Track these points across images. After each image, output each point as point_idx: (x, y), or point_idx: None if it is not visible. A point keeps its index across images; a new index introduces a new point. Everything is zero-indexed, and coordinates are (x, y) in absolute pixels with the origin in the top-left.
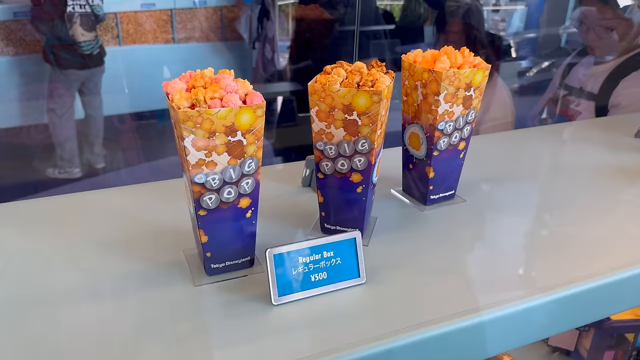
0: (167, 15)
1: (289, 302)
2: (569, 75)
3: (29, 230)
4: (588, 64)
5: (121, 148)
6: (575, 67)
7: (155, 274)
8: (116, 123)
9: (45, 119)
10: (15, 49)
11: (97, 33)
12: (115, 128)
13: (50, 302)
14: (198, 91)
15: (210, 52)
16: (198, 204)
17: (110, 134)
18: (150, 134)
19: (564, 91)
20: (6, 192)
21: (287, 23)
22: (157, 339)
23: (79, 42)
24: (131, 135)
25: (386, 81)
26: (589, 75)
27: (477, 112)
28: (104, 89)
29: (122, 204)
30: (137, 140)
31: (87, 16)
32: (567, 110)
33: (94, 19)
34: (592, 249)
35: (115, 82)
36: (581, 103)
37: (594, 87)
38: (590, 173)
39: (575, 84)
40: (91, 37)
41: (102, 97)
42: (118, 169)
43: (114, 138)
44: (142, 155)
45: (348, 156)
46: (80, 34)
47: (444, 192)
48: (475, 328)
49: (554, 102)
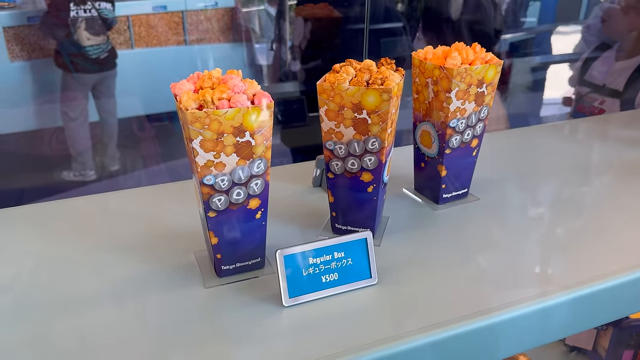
0: (178, 17)
1: (300, 303)
2: (588, 71)
3: (43, 232)
4: (608, 59)
5: (134, 150)
6: (595, 62)
7: (166, 276)
8: (129, 125)
9: (59, 123)
10: (28, 53)
11: (106, 37)
12: (129, 130)
13: (64, 305)
14: (206, 92)
15: (222, 53)
16: (207, 206)
17: (124, 136)
18: (164, 136)
19: (584, 88)
20: (23, 195)
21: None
22: (168, 341)
23: (85, 47)
24: (145, 137)
25: (396, 79)
26: (612, 72)
27: (489, 108)
28: (117, 92)
29: (133, 206)
30: (151, 142)
31: (93, 20)
32: (590, 109)
33: (100, 23)
34: (610, 247)
35: (127, 85)
36: (605, 101)
37: (619, 84)
38: (608, 170)
39: (596, 81)
40: (98, 41)
41: (116, 100)
42: (132, 170)
43: (128, 140)
44: (155, 157)
45: (358, 155)
46: (86, 39)
47: (456, 190)
48: (490, 329)
49: (573, 99)
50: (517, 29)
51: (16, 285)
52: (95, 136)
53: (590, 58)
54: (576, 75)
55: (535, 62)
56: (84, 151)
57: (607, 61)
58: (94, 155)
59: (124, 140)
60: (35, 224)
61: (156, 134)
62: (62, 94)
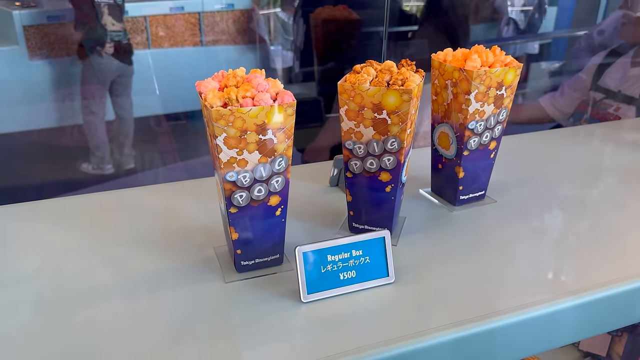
0: (195, 18)
1: (318, 299)
2: (601, 77)
3: (63, 225)
4: (623, 65)
5: (151, 148)
6: (609, 68)
7: (187, 271)
8: (146, 124)
9: (79, 120)
10: (49, 52)
11: (124, 25)
12: (146, 129)
13: (84, 298)
14: (230, 90)
15: (237, 54)
16: (229, 202)
17: (140, 134)
18: (180, 135)
19: (599, 94)
20: (43, 189)
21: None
22: (189, 335)
23: (110, 31)
24: (161, 135)
25: (416, 80)
26: (627, 78)
27: (508, 111)
28: (135, 91)
29: (154, 201)
30: (167, 140)
31: (113, 7)
32: (605, 115)
33: (119, 10)
34: (626, 252)
35: (145, 84)
36: (620, 107)
37: (634, 91)
38: (625, 174)
39: (611, 87)
40: (120, 27)
41: (133, 99)
42: (149, 168)
43: (144, 138)
44: (172, 155)
45: (377, 155)
46: (111, 24)
47: (474, 192)
48: (504, 330)
49: (587, 104)
50: (533, 35)
51: (37, 277)
52: (112, 134)
53: (604, 64)
54: (589, 80)
55: (553, 67)
56: (101, 145)
57: (622, 67)
58: (111, 151)
59: (142, 138)
60: (55, 218)
61: (173, 133)
62: (83, 88)
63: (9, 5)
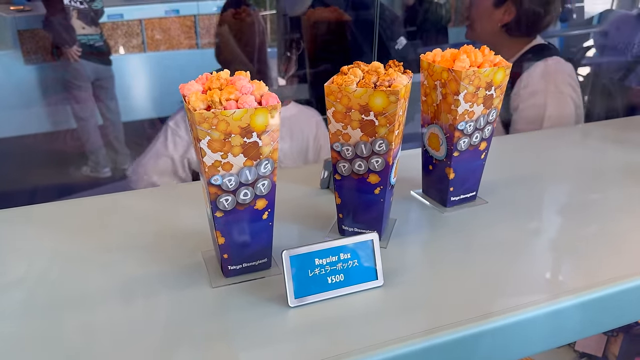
0: (190, 21)
1: (306, 304)
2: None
3: (55, 230)
4: None
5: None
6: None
7: (173, 276)
8: (141, 128)
9: (72, 124)
10: (42, 56)
11: (99, 29)
12: (141, 132)
13: (74, 302)
14: (214, 93)
15: None
16: (215, 206)
17: (136, 138)
18: None
19: None
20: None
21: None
22: (173, 341)
23: (80, 35)
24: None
25: (403, 81)
26: None
27: (498, 111)
28: (129, 95)
29: (142, 206)
30: None
31: (84, 11)
32: None
33: (93, 14)
34: (620, 252)
35: (140, 88)
36: None
37: None
38: (618, 174)
39: None
40: (92, 31)
41: (118, 102)
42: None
43: (140, 142)
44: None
45: (365, 157)
46: (81, 27)
47: (464, 193)
48: (496, 332)
49: None
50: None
51: (28, 281)
52: (104, 138)
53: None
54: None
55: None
56: (95, 149)
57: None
58: (106, 155)
59: (137, 142)
60: (47, 223)
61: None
62: (68, 93)
63: (5, 9)
